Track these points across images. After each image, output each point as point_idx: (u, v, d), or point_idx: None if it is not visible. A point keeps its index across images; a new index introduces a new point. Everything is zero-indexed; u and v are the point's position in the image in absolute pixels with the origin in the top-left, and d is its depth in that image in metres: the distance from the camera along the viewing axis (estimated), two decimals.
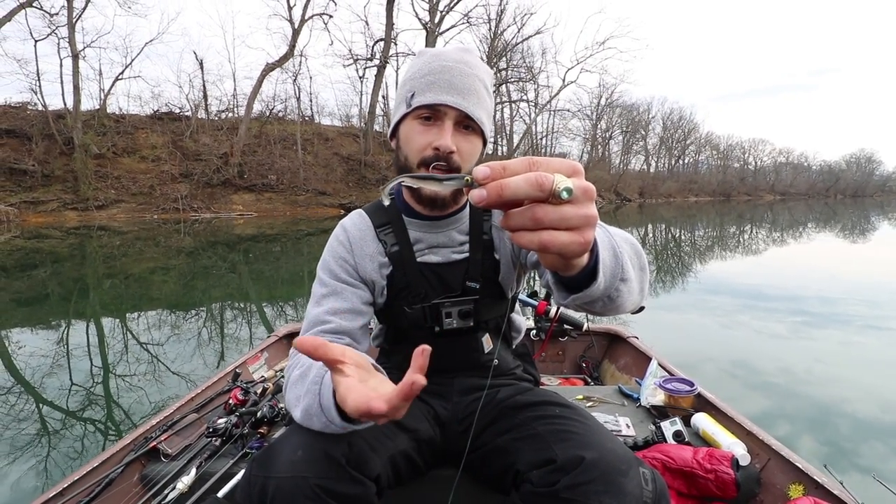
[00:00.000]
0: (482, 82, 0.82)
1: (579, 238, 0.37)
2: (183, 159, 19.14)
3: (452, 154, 0.78)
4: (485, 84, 0.83)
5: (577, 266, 0.45)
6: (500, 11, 24.77)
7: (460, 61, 0.80)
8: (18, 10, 16.88)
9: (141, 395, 2.56)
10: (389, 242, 0.90)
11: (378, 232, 0.91)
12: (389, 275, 0.90)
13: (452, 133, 0.78)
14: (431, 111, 0.79)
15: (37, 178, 16.04)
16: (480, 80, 0.81)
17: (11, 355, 3.27)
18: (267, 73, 20.99)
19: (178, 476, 1.00)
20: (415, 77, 0.81)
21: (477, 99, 0.80)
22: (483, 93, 0.82)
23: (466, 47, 0.85)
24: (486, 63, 0.88)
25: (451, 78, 0.78)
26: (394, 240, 0.90)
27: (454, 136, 0.78)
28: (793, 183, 70.08)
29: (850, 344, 3.37)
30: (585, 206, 0.37)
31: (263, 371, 1.74)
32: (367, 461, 0.71)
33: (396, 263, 0.89)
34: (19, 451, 1.98)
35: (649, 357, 1.63)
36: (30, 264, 7.39)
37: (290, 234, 12.32)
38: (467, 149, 0.80)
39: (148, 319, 4.25)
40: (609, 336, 1.97)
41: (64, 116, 17.75)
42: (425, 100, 0.78)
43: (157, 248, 9.63)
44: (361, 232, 0.92)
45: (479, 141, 0.83)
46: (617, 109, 41.02)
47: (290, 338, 2.01)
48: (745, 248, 10.04)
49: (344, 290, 0.86)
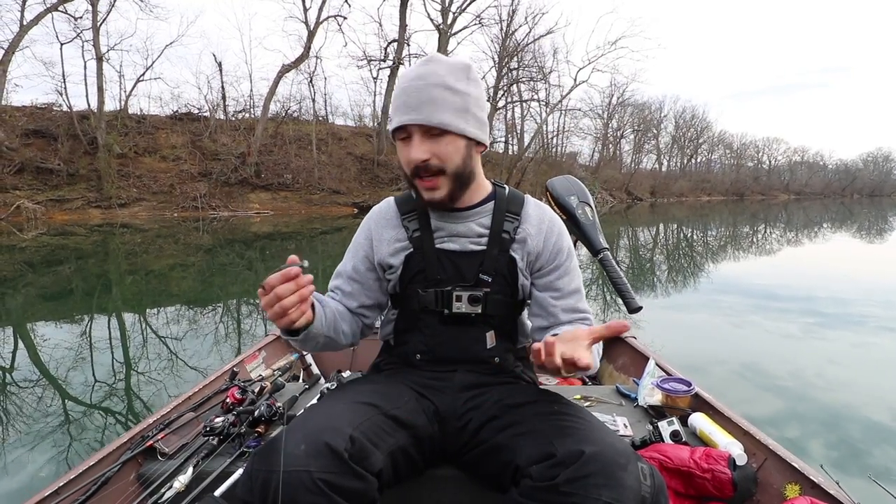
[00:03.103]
0: (442, 86, 0.86)
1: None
2: (202, 159, 19.51)
3: (427, 161, 0.87)
4: (446, 86, 0.86)
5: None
6: (511, 12, 24.68)
7: (416, 77, 0.87)
8: (45, 14, 17.40)
9: (143, 392, 2.59)
10: (412, 228, 0.99)
11: (403, 219, 1.01)
12: (408, 256, 0.98)
13: (421, 143, 0.87)
14: (404, 132, 0.89)
15: (62, 177, 16.50)
16: (439, 85, 0.86)
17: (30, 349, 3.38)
18: (283, 74, 21.25)
19: (174, 475, 0.99)
20: (390, 105, 0.92)
21: (433, 107, 0.85)
22: (444, 96, 0.85)
23: (427, 58, 0.90)
24: (460, 62, 0.90)
25: (407, 98, 0.86)
26: (416, 225, 0.99)
27: (424, 145, 0.87)
28: (808, 182, 68.34)
29: (864, 346, 3.32)
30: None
31: (261, 370, 1.71)
32: (368, 456, 0.73)
33: (416, 247, 0.98)
34: (16, 446, 1.99)
35: (647, 357, 1.61)
36: (55, 260, 7.63)
37: (305, 233, 12.49)
38: (442, 151, 0.88)
39: (162, 316, 4.36)
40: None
41: (88, 117, 18.22)
42: (393, 124, 0.90)
43: (176, 245, 9.84)
44: (385, 218, 1.03)
45: (456, 138, 0.88)
46: (628, 108, 40.24)
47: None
48: (758, 248, 9.87)
49: (349, 277, 1.04)
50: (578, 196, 1.35)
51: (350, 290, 1.03)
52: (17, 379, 2.81)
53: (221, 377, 1.51)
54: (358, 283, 1.03)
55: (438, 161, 0.88)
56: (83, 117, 18.22)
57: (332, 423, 0.73)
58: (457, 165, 0.89)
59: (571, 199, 1.33)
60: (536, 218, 1.00)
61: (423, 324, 0.98)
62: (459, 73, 0.88)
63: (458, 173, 0.90)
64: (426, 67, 0.87)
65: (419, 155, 0.87)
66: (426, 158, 0.87)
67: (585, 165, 38.00)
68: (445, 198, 0.92)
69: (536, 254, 0.98)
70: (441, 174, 0.89)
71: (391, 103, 0.92)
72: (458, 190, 0.92)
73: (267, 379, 1.44)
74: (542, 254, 0.98)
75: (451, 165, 0.89)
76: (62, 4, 17.72)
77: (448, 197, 0.92)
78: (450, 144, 0.88)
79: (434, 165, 0.88)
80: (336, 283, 1.05)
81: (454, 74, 0.88)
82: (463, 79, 0.88)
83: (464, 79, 0.89)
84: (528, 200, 1.02)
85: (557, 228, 1.01)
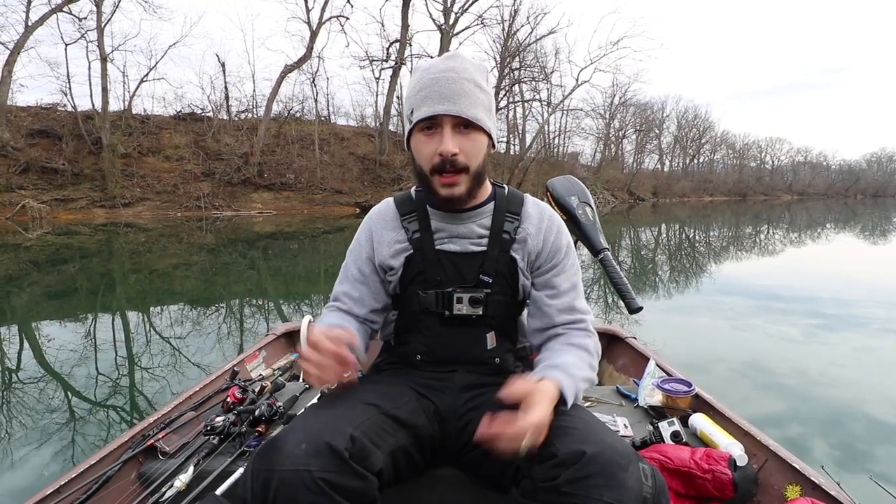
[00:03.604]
0: (472, 82, 0.86)
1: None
2: (205, 159, 19.56)
3: (456, 156, 0.85)
4: (475, 83, 0.86)
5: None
6: (513, 12, 24.65)
7: (446, 69, 0.85)
8: (50, 15, 17.50)
9: (144, 391, 2.60)
10: (412, 229, 0.98)
11: (402, 220, 0.99)
12: (408, 257, 0.96)
13: (452, 136, 0.85)
14: (431, 122, 0.86)
15: (67, 176, 16.58)
16: (470, 80, 0.86)
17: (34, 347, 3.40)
18: (286, 74, 21.30)
19: (175, 474, 0.99)
20: (411, 95, 0.89)
21: (469, 100, 0.85)
22: (475, 92, 0.86)
23: (452, 54, 0.89)
24: (481, 63, 0.91)
25: (441, 88, 0.84)
26: (416, 227, 0.98)
27: (455, 138, 0.85)
28: (811, 183, 67.89)
29: (867, 348, 3.30)
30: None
31: (261, 370, 1.70)
32: (369, 455, 0.73)
33: (417, 248, 0.97)
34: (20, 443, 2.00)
35: (647, 357, 1.61)
36: (60, 259, 7.68)
37: (308, 232, 12.52)
38: (470, 147, 0.87)
39: (164, 315, 4.38)
40: (607, 336, 1.91)
41: (92, 117, 18.30)
42: (422, 114, 0.86)
43: (180, 244, 9.90)
44: (384, 220, 1.02)
45: (482, 136, 0.88)
46: (630, 108, 39.99)
47: (288, 336, 1.97)
48: (760, 248, 9.84)
49: (355, 279, 1.01)
50: (579, 196, 1.35)
51: (358, 294, 1.01)
52: (21, 377, 2.83)
53: (222, 377, 1.51)
54: (366, 287, 1.01)
55: (465, 157, 0.87)
56: (87, 117, 18.31)
57: (332, 423, 0.73)
58: (479, 163, 0.89)
59: (572, 200, 1.33)
60: (536, 217, 0.99)
61: (424, 325, 0.98)
62: (483, 72, 0.90)
63: (478, 171, 0.90)
64: (456, 62, 0.87)
65: (451, 147, 0.84)
66: (457, 152, 0.85)
67: (587, 165, 37.83)
68: (464, 194, 0.90)
69: (536, 253, 0.97)
70: (464, 172, 0.88)
71: (412, 94, 0.89)
72: (475, 188, 0.92)
73: (267, 378, 1.44)
74: (541, 252, 0.98)
75: (475, 162, 0.88)
76: (67, 5, 17.81)
77: (466, 194, 0.91)
78: (476, 141, 0.87)
79: (461, 162, 0.87)
80: (343, 288, 1.02)
81: (481, 73, 0.89)
82: (485, 79, 0.90)
83: (486, 79, 0.90)
84: (527, 200, 1.02)
85: (556, 226, 1.01)
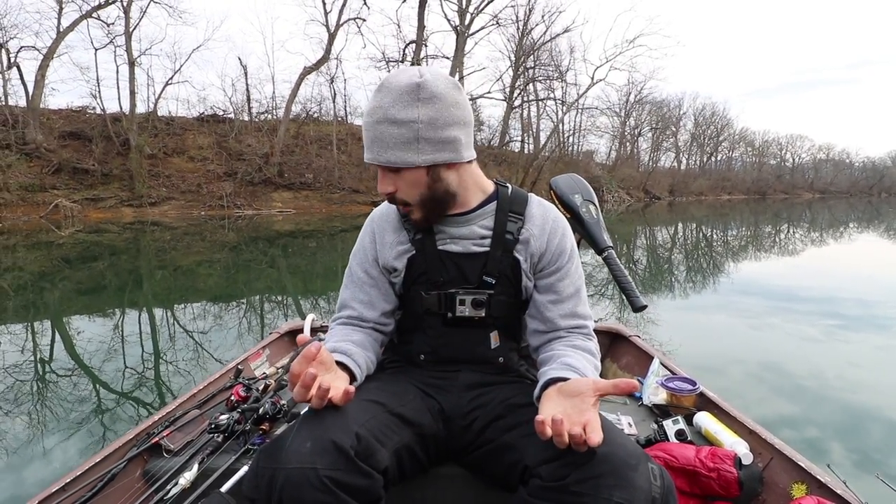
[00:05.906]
0: (385, 121, 0.82)
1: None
2: (227, 159, 19.99)
3: (392, 194, 0.90)
4: (389, 119, 0.82)
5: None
6: (528, 11, 24.49)
7: (367, 114, 0.86)
8: (80, 21, 18.14)
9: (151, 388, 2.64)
10: (413, 230, 0.97)
11: (404, 220, 0.98)
12: (411, 258, 0.96)
13: (383, 178, 0.89)
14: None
15: (97, 176, 17.17)
16: (383, 120, 0.82)
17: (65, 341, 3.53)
18: (305, 76, 21.59)
19: (180, 472, 0.99)
20: None
21: (381, 146, 0.84)
22: (388, 131, 0.82)
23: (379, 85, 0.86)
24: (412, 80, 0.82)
25: (364, 136, 0.87)
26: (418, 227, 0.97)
27: (387, 178, 0.88)
28: (833, 180, 65.21)
29: (888, 348, 3.23)
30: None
31: (265, 368, 1.70)
32: (374, 453, 0.72)
33: (419, 249, 0.96)
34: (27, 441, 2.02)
35: (651, 355, 1.59)
36: (90, 256, 7.99)
37: (326, 231, 12.69)
38: (402, 185, 0.88)
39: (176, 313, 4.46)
40: (611, 335, 1.91)
41: (120, 119, 18.87)
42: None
43: (203, 242, 10.14)
44: (386, 221, 1.01)
45: (416, 171, 0.85)
46: (646, 106, 38.82)
47: (291, 335, 1.97)
48: (780, 248, 9.60)
49: (363, 282, 1.00)
50: (583, 194, 1.33)
51: (367, 297, 0.99)
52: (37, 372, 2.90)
53: (226, 375, 1.51)
54: (375, 289, 0.99)
55: (402, 194, 0.89)
56: (116, 119, 18.90)
57: (337, 421, 0.72)
58: (420, 195, 0.88)
59: (576, 198, 1.32)
60: (540, 217, 0.97)
61: (427, 325, 0.97)
62: (406, 97, 0.81)
63: (424, 201, 0.89)
64: (374, 101, 0.84)
65: (384, 188, 0.89)
66: (391, 192, 0.89)
67: (602, 164, 37.14)
68: (422, 221, 0.92)
69: (540, 254, 0.96)
70: (408, 204, 0.90)
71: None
72: (432, 213, 0.92)
73: (271, 377, 1.45)
74: (544, 254, 0.96)
75: (412, 197, 0.89)
76: (96, 11, 18.44)
77: (424, 220, 0.92)
78: (405, 179, 0.87)
79: (399, 198, 0.90)
80: (350, 293, 1.00)
81: (400, 102, 0.81)
82: (410, 103, 0.81)
83: (411, 103, 0.81)
84: (531, 200, 0.99)
85: (561, 228, 0.98)
